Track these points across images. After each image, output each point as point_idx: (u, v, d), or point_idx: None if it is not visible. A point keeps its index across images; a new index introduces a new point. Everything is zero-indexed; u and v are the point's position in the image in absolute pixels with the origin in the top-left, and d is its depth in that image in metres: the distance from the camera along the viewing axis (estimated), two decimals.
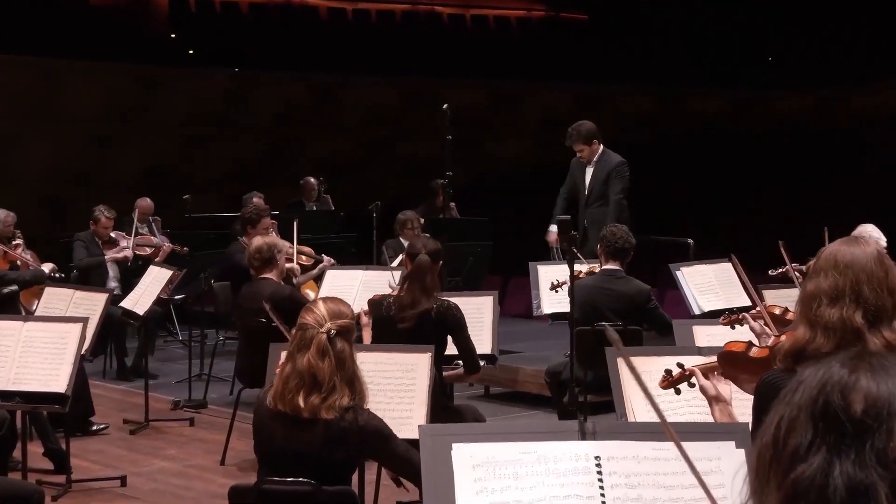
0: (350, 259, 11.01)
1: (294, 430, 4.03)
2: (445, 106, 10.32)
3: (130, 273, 10.81)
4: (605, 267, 7.48)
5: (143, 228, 11.97)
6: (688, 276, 8.22)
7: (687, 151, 20.26)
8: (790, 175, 18.74)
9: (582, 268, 7.75)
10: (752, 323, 4.88)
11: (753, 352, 3.69)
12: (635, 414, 4.16)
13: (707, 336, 5.23)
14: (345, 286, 8.43)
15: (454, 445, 2.71)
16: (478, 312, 6.92)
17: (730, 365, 3.69)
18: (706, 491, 2.08)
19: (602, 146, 9.76)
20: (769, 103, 22.16)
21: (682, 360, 3.88)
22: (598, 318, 7.25)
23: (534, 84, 20.99)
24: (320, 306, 4.13)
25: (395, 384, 5.07)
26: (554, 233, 9.43)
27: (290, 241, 9.85)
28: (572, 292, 6.53)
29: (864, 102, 20.59)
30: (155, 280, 8.86)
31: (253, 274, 7.84)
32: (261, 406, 4.16)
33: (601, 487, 2.68)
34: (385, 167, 19.20)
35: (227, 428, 7.71)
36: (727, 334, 4.96)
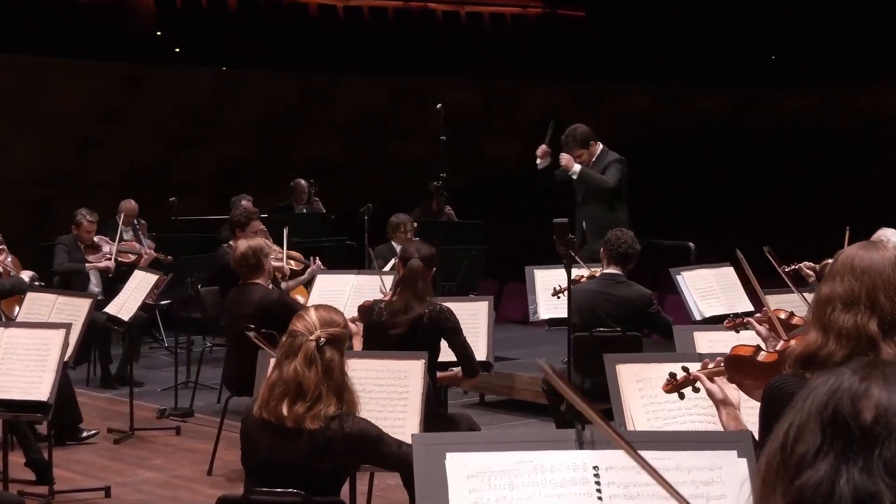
0: (342, 263, 11.01)
1: (279, 440, 4.03)
2: (439, 105, 10.32)
3: (114, 279, 10.79)
4: (605, 271, 7.49)
5: (128, 232, 11.95)
6: (688, 281, 8.23)
7: (687, 152, 20.27)
8: (793, 176, 18.76)
9: (583, 272, 7.76)
10: (757, 327, 4.89)
11: (761, 356, 3.68)
12: (634, 422, 4.16)
13: (708, 342, 5.24)
14: (335, 291, 8.44)
15: (448, 455, 2.71)
16: (473, 318, 6.93)
17: (737, 369, 3.69)
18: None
19: (600, 145, 9.78)
20: (772, 102, 22.18)
21: (687, 365, 3.88)
22: (597, 323, 7.28)
23: (530, 83, 20.99)
24: (312, 314, 4.14)
25: (387, 392, 5.07)
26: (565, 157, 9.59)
27: (279, 246, 9.86)
28: (570, 297, 6.55)
29: (869, 102, 20.61)
30: (140, 285, 8.85)
31: (241, 279, 7.84)
32: (248, 415, 4.17)
33: (599, 498, 2.68)
34: (377, 169, 19.19)
35: (214, 437, 7.71)
36: (729, 340, 4.97)
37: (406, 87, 19.82)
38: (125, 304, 8.81)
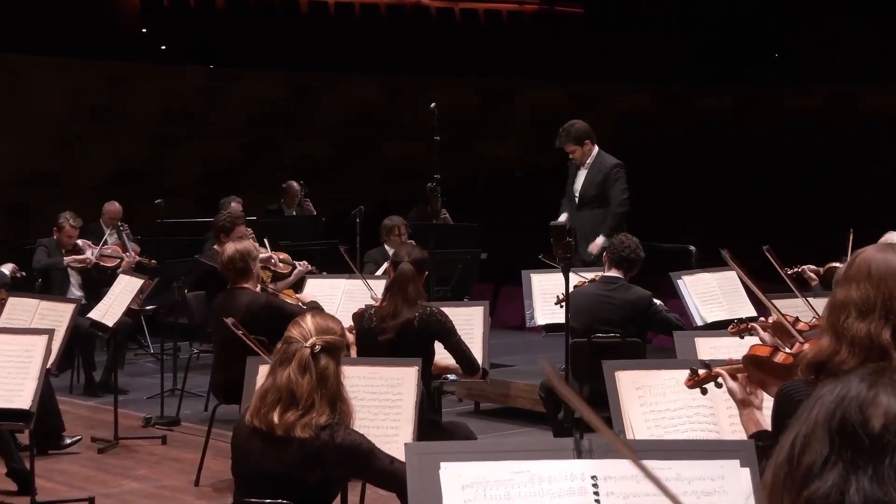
0: (334, 267, 10.99)
1: (269, 449, 4.04)
2: (433, 105, 10.34)
3: (100, 283, 10.78)
4: (605, 274, 7.51)
5: (112, 235, 11.93)
6: (689, 286, 8.24)
7: (688, 152, 20.29)
8: (797, 178, 18.78)
9: (586, 275, 7.78)
10: (761, 333, 4.89)
11: (779, 357, 3.71)
12: (634, 431, 4.16)
13: (710, 348, 5.24)
14: (326, 296, 8.44)
15: (442, 465, 2.71)
16: (467, 323, 6.93)
17: (754, 368, 3.71)
18: None
19: (596, 147, 9.77)
20: (775, 102, 22.20)
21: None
22: (596, 327, 7.28)
23: (526, 81, 21.01)
24: (308, 320, 4.15)
25: (379, 400, 5.07)
26: (597, 244, 9.44)
27: (265, 250, 9.84)
28: (567, 302, 6.55)
29: (876, 101, 20.62)
30: (125, 290, 8.84)
31: (229, 283, 7.84)
32: (240, 423, 4.17)
33: None
34: (369, 170, 19.20)
35: (201, 446, 7.70)
36: (731, 346, 4.98)
37: (399, 85, 19.83)
38: (109, 310, 8.80)
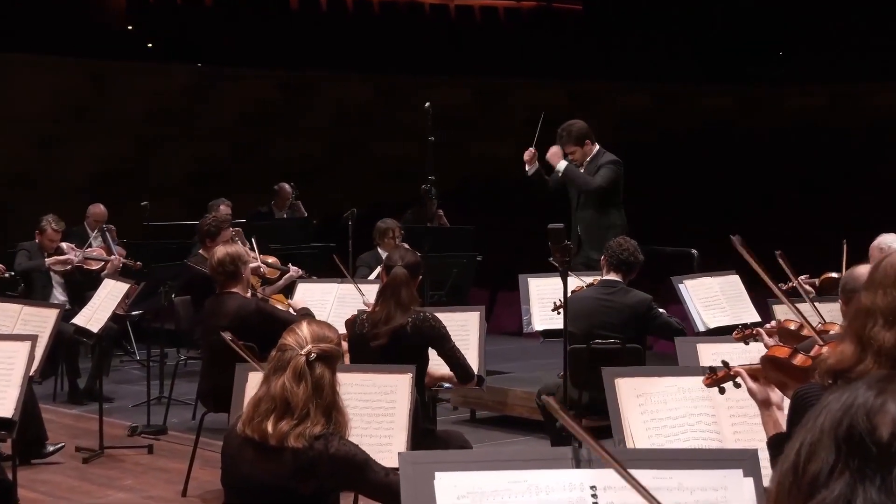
0: (326, 271, 10.99)
1: (261, 459, 4.04)
2: (428, 104, 10.33)
3: (84, 286, 10.77)
4: (604, 278, 7.52)
5: (97, 239, 11.92)
6: (691, 290, 8.25)
7: (689, 153, 20.31)
8: (801, 179, 18.80)
9: (586, 279, 7.79)
10: (766, 339, 4.90)
11: (798, 359, 3.71)
12: (635, 440, 4.17)
13: (713, 354, 5.24)
14: (317, 301, 8.43)
15: (437, 475, 2.71)
16: (463, 329, 6.93)
17: (773, 369, 3.71)
18: None
19: (597, 146, 9.78)
20: (780, 101, 22.23)
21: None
22: (595, 332, 7.29)
23: (523, 80, 21.02)
24: (304, 328, 4.15)
25: (372, 408, 5.07)
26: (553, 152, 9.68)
27: (254, 252, 9.84)
28: (566, 307, 6.56)
29: (883, 101, 20.67)
30: (110, 294, 8.83)
31: (217, 288, 7.83)
32: (231, 431, 4.18)
33: None
34: (362, 171, 19.20)
35: (188, 456, 7.69)
36: (735, 352, 4.98)
37: (392, 84, 19.83)
38: (94, 315, 8.79)
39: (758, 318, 7.80)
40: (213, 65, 19.10)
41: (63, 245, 11.13)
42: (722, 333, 7.18)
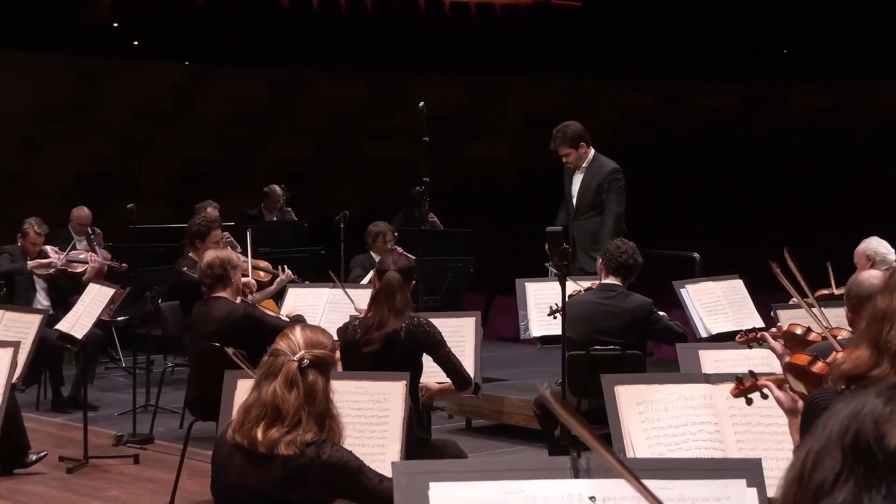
0: (317, 275, 10.99)
1: (250, 466, 4.03)
2: (422, 104, 10.33)
3: (68, 291, 10.75)
4: (603, 282, 7.52)
5: (82, 242, 11.90)
6: (693, 295, 8.25)
7: (692, 153, 20.33)
8: (806, 180, 18.82)
9: (584, 284, 7.78)
10: (772, 343, 4.90)
11: (817, 367, 3.74)
12: (635, 449, 4.16)
13: (715, 360, 5.24)
14: (308, 306, 8.43)
15: (432, 485, 2.71)
16: (458, 335, 6.93)
17: (794, 377, 3.74)
18: None
19: (593, 150, 9.75)
20: (784, 100, 22.26)
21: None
22: (594, 338, 7.28)
23: (520, 79, 21.03)
24: (297, 333, 4.15)
25: (365, 416, 5.06)
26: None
27: (244, 256, 9.82)
28: (564, 313, 6.55)
29: (888, 100, 20.70)
30: (95, 299, 8.82)
31: (205, 292, 7.83)
32: (221, 439, 4.17)
33: None
34: (354, 173, 19.21)
35: (176, 466, 7.68)
36: (737, 358, 4.99)
37: (385, 84, 19.84)
38: (79, 321, 8.78)
39: (762, 324, 7.79)
40: (202, 63, 19.09)
41: (47, 248, 11.11)
42: (725, 339, 7.17)
